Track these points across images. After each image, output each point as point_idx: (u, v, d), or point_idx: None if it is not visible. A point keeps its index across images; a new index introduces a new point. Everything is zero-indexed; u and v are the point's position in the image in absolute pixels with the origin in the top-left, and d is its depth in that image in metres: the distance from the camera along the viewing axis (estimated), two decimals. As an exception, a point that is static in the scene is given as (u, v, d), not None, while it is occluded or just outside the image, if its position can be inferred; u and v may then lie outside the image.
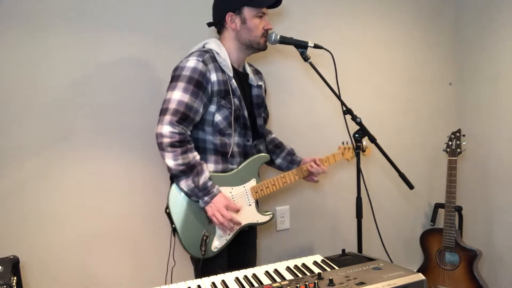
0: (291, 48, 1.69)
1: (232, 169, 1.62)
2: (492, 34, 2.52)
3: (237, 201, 1.62)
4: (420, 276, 1.09)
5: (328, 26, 2.35)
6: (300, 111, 2.31)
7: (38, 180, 1.77)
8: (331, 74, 1.67)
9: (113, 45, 1.87)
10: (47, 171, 1.79)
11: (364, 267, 1.18)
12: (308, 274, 1.18)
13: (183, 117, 1.50)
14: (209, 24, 1.72)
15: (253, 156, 1.68)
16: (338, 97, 1.66)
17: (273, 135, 1.96)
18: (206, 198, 1.50)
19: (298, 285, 1.05)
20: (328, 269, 1.21)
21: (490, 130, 2.56)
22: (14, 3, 1.69)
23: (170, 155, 1.47)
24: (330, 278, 1.07)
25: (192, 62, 1.53)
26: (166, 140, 1.46)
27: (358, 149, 1.69)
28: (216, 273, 1.27)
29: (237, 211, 1.58)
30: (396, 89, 2.62)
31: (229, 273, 1.23)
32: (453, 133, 2.32)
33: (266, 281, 1.17)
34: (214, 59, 1.58)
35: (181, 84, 1.51)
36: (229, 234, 1.60)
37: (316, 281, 1.06)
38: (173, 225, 1.53)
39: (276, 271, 1.23)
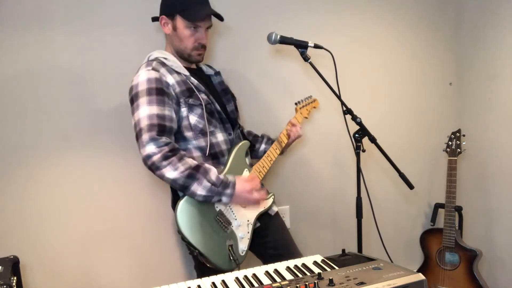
0: (291, 48, 1.69)
1: (223, 169, 1.57)
2: (492, 34, 2.52)
3: None
4: (420, 276, 1.09)
5: (328, 26, 2.35)
6: (300, 111, 2.31)
7: (38, 180, 1.77)
8: (331, 74, 1.67)
9: (114, 45, 1.87)
10: (47, 171, 1.79)
11: (364, 267, 1.18)
12: (308, 274, 1.18)
13: (161, 129, 1.41)
14: (154, 19, 1.68)
15: (234, 148, 1.63)
16: (338, 97, 1.66)
17: (246, 129, 1.92)
18: (228, 191, 1.44)
19: (298, 285, 1.05)
20: (328, 269, 1.21)
21: (490, 130, 2.56)
22: (14, 4, 1.69)
23: (168, 168, 1.37)
24: (330, 278, 1.07)
25: (143, 75, 1.46)
26: (156, 157, 1.37)
27: (358, 149, 1.69)
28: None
29: (259, 186, 1.55)
30: (396, 89, 2.61)
31: (229, 273, 1.23)
32: (453, 133, 2.32)
33: (266, 281, 1.17)
34: (164, 64, 1.53)
35: (142, 100, 1.42)
36: (248, 232, 1.58)
37: (316, 281, 1.06)
38: (197, 250, 1.43)
39: (276, 271, 1.23)
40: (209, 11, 1.58)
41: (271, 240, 1.72)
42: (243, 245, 1.56)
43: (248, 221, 1.60)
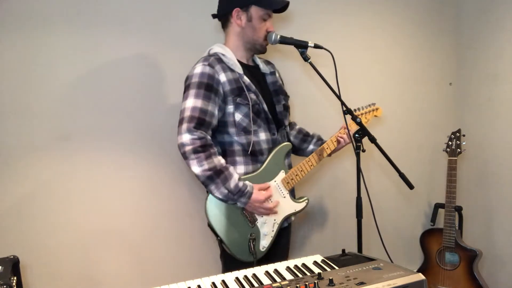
0: (291, 48, 1.69)
1: (259, 167, 1.63)
2: (492, 34, 2.52)
3: (272, 196, 1.63)
4: (420, 276, 1.09)
5: (328, 26, 2.35)
6: (300, 111, 2.31)
7: (38, 180, 1.77)
8: (331, 74, 1.67)
9: (116, 44, 1.87)
10: (48, 171, 1.79)
11: (364, 267, 1.18)
12: (308, 274, 1.18)
13: (200, 122, 1.51)
14: (214, 16, 1.72)
15: (274, 148, 1.67)
16: (338, 97, 1.66)
17: (298, 126, 1.97)
18: (243, 200, 1.52)
19: (298, 285, 1.05)
20: (328, 269, 1.21)
21: (490, 130, 2.56)
22: (14, 3, 1.69)
23: (194, 162, 1.47)
24: (330, 278, 1.07)
25: (199, 68, 1.56)
26: (188, 148, 1.47)
27: (358, 149, 1.69)
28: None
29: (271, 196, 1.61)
30: (396, 89, 2.62)
31: (229, 273, 1.23)
32: (453, 133, 2.32)
33: (266, 281, 1.17)
34: (220, 61, 1.59)
35: (192, 92, 1.53)
36: (272, 231, 1.63)
37: (316, 281, 1.06)
38: (219, 237, 1.54)
39: (276, 271, 1.23)
40: (284, 0, 1.64)
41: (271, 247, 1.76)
42: (265, 242, 1.61)
43: (275, 220, 1.64)
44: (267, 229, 1.61)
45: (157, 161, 1.95)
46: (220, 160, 1.51)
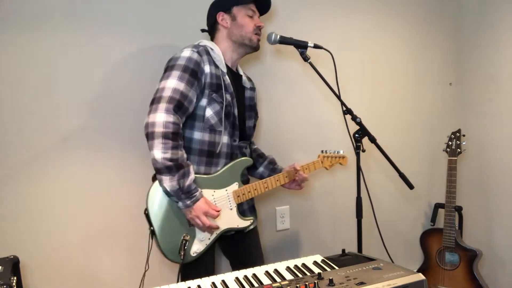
0: (291, 48, 1.69)
1: (215, 171, 1.58)
2: (492, 34, 2.53)
3: (219, 204, 1.56)
4: (420, 276, 1.09)
5: (327, 27, 2.35)
6: (299, 112, 2.31)
7: (37, 180, 1.77)
8: (331, 74, 1.67)
9: (113, 44, 1.86)
10: (47, 171, 1.79)
11: (364, 267, 1.18)
12: (308, 274, 1.18)
13: (179, 105, 1.45)
14: (203, 30, 1.76)
15: (236, 159, 1.64)
16: (338, 97, 1.66)
17: (255, 146, 1.94)
18: (188, 202, 1.43)
19: (298, 285, 1.05)
20: (328, 269, 1.21)
21: (490, 130, 2.56)
22: (14, 4, 1.69)
23: (159, 146, 1.38)
24: (330, 278, 1.07)
25: (187, 53, 1.53)
26: (159, 130, 1.39)
27: (358, 149, 1.70)
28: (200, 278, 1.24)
29: (215, 217, 1.51)
30: (396, 89, 2.62)
31: (229, 273, 1.23)
32: (453, 133, 2.32)
33: (266, 281, 1.17)
34: (208, 53, 1.59)
35: (176, 73, 1.48)
36: (209, 239, 1.55)
37: (316, 281, 1.06)
38: (151, 227, 1.46)
39: (276, 271, 1.23)
40: None
41: (241, 252, 1.79)
42: (197, 247, 1.53)
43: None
44: (203, 234, 1.53)
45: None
46: (183, 155, 1.45)
